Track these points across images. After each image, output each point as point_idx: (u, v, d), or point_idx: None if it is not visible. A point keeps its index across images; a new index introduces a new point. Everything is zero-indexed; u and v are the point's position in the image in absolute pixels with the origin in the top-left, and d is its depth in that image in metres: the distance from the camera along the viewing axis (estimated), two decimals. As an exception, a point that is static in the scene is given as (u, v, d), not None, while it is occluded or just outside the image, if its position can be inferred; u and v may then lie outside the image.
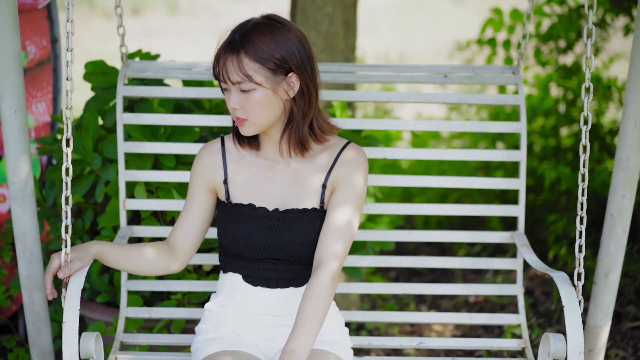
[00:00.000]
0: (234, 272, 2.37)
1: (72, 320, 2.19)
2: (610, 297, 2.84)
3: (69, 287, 2.23)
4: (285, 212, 2.32)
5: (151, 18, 11.66)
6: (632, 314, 3.70)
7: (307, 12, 3.76)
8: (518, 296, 2.86)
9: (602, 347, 2.89)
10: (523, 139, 2.85)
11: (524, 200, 2.85)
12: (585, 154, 2.39)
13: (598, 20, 4.69)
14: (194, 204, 2.38)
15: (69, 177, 2.31)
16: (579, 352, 2.24)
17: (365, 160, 2.36)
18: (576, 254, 2.38)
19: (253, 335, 2.37)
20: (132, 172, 2.81)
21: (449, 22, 11.37)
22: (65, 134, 2.30)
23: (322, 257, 2.24)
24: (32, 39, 3.39)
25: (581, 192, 2.39)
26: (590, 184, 4.21)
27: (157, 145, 2.82)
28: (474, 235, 2.91)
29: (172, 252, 2.38)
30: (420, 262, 2.91)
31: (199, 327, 2.42)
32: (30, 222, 2.74)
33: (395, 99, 2.95)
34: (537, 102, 4.99)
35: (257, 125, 2.25)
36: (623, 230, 2.78)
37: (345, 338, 2.44)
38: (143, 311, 2.80)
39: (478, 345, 2.79)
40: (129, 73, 2.86)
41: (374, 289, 2.90)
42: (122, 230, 2.79)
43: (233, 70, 2.19)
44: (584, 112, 2.39)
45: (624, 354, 3.47)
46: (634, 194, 2.74)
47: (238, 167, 2.35)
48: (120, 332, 2.72)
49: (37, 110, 3.45)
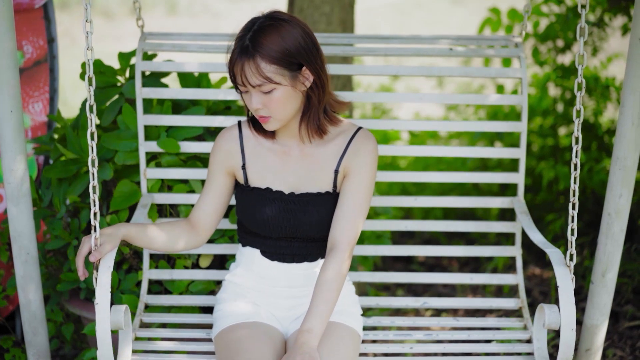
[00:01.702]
0: (252, 247, 2.56)
1: (105, 301, 2.31)
2: (608, 296, 2.84)
3: (100, 270, 2.34)
4: (300, 195, 2.49)
5: (150, 18, 11.64)
6: (630, 313, 3.70)
7: (304, 12, 3.76)
8: (516, 257, 3.00)
9: (600, 346, 2.89)
10: (524, 110, 2.95)
11: (523, 168, 2.96)
12: (578, 145, 2.45)
13: (596, 19, 4.69)
14: (213, 185, 2.55)
15: (94, 168, 2.36)
16: (571, 329, 2.36)
17: (375, 146, 2.50)
18: (568, 236, 2.46)
19: (271, 304, 2.55)
20: (151, 144, 2.92)
21: (447, 21, 11.36)
22: (89, 128, 2.33)
23: (337, 236, 2.42)
24: (29, 39, 3.39)
25: (573, 179, 2.45)
26: (589, 183, 4.21)
27: (175, 118, 2.91)
28: (476, 200, 3.02)
29: (194, 230, 2.55)
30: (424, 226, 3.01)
31: (220, 295, 2.62)
32: (26, 222, 2.74)
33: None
34: (535, 102, 4.99)
35: (281, 120, 2.40)
36: (620, 230, 2.77)
37: (356, 306, 2.62)
38: (164, 273, 2.93)
39: (478, 304, 2.92)
40: (146, 48, 2.94)
41: (379, 251, 3.01)
42: (143, 198, 2.92)
43: (252, 74, 2.30)
44: (576, 105, 2.44)
45: (622, 353, 3.46)
46: (631, 193, 2.74)
47: (255, 153, 2.52)
48: (144, 294, 2.88)
49: (33, 110, 3.45)
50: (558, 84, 4.80)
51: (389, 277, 3.00)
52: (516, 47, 2.98)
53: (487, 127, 3.00)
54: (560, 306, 2.36)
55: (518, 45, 2.98)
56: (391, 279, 3.00)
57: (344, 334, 2.47)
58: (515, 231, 3.00)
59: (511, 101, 2.98)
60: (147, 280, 2.93)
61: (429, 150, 3.00)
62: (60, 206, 3.01)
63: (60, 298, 3.13)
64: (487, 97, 3.05)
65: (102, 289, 2.32)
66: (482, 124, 2.99)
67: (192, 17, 11.88)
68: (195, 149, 2.94)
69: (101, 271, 2.34)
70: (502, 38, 3.03)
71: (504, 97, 3.02)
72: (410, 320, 2.85)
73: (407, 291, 4.20)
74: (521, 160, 2.97)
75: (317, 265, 2.55)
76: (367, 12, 11.83)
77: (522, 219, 2.86)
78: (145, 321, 2.80)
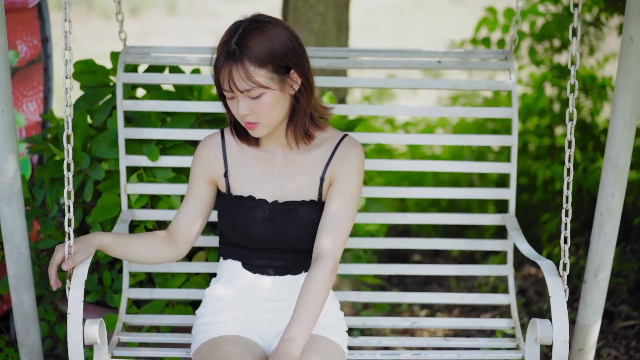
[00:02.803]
0: (233, 259, 2.46)
1: (77, 311, 2.25)
2: (600, 296, 2.83)
3: (73, 279, 2.29)
4: (284, 204, 2.40)
5: (150, 18, 11.66)
6: (624, 313, 3.69)
7: (299, 11, 3.76)
8: (508, 277, 2.93)
9: (592, 346, 2.88)
10: (515, 123, 2.88)
11: (514, 184, 2.90)
12: (571, 149, 2.42)
13: (593, 19, 4.68)
14: (194, 195, 2.46)
15: (70, 173, 2.35)
16: (564, 341, 2.30)
17: (362, 153, 2.43)
18: (561, 245, 2.42)
19: (252, 319, 2.45)
20: (132, 157, 2.87)
21: (447, 21, 11.36)
22: (65, 130, 2.33)
23: (321, 248, 2.33)
24: (23, 38, 3.39)
25: (566, 185, 2.42)
26: (584, 183, 4.21)
27: (157, 131, 2.87)
28: (466, 218, 2.97)
29: (174, 241, 2.46)
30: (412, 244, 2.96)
31: (200, 310, 2.52)
32: (18, 222, 2.73)
33: (390, 85, 2.97)
34: (531, 102, 4.98)
35: (269, 126, 2.32)
36: (612, 229, 2.77)
37: (341, 321, 2.53)
38: (144, 292, 2.87)
39: (469, 325, 2.86)
40: (128, 59, 2.90)
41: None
42: (124, 214, 2.85)
43: (240, 79, 2.23)
44: (569, 108, 2.42)
45: (616, 353, 3.46)
46: (623, 193, 2.74)
47: (238, 160, 2.43)
48: (122, 313, 2.80)
49: (27, 109, 3.45)
50: (554, 84, 4.80)
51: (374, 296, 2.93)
52: (506, 60, 2.94)
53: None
54: (552, 318, 2.31)
55: (508, 57, 2.94)
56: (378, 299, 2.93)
57: (328, 347, 2.38)
58: (507, 249, 2.93)
59: (501, 114, 2.93)
60: (127, 299, 2.85)
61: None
62: (53, 206, 3.01)
63: (54, 297, 3.13)
64: (477, 111, 3.00)
65: (75, 299, 2.26)
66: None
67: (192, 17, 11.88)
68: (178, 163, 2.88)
69: (74, 280, 2.29)
70: (493, 52, 2.99)
71: (494, 110, 2.96)
72: (398, 341, 2.76)
73: (399, 283, 4.20)
74: (512, 176, 2.90)
75: (301, 279, 2.45)
76: (367, 12, 11.83)
77: (514, 235, 2.79)
78: (123, 340, 2.72)
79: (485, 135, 2.93)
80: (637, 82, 2.62)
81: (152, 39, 10.36)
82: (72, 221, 2.33)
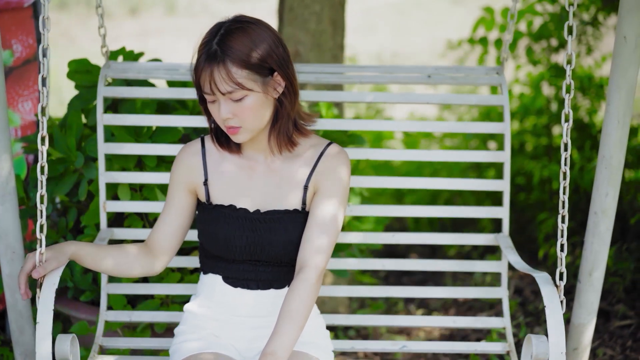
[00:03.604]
0: (214, 273, 2.35)
1: (46, 321, 2.16)
2: (594, 295, 2.83)
3: (43, 288, 2.21)
4: (267, 213, 2.30)
5: (149, 18, 11.65)
6: (621, 312, 3.69)
7: (294, 11, 3.75)
8: (503, 299, 2.84)
9: (587, 345, 2.88)
10: (507, 140, 2.82)
11: (508, 202, 2.82)
12: (567, 152, 2.38)
13: (590, 18, 4.68)
14: (173, 205, 2.36)
15: (44, 176, 2.30)
16: (561, 353, 2.23)
17: (348, 160, 2.34)
18: (558, 253, 2.36)
19: (232, 336, 2.34)
20: (112, 174, 2.80)
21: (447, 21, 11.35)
22: (40, 131, 2.29)
23: (306, 256, 2.23)
24: (18, 38, 3.39)
25: (562, 190, 2.37)
26: (581, 183, 4.20)
27: (138, 146, 2.81)
28: (459, 237, 2.89)
29: (152, 254, 2.36)
30: (406, 265, 2.89)
31: (178, 328, 2.41)
32: (12, 221, 2.73)
33: (381, 99, 2.95)
34: (529, 101, 4.98)
35: (252, 130, 2.23)
36: (606, 229, 2.76)
37: (326, 340, 2.42)
38: (123, 314, 2.78)
39: (462, 348, 2.78)
40: (110, 74, 2.85)
41: (361, 292, 2.88)
42: (102, 232, 2.78)
43: (222, 81, 2.15)
44: (565, 109, 2.38)
45: (612, 352, 3.46)
46: (617, 192, 2.73)
47: (218, 168, 2.33)
48: (99, 336, 2.69)
49: (23, 109, 3.45)
50: (552, 84, 4.80)
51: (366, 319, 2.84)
52: (497, 75, 2.90)
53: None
54: (548, 330, 2.24)
55: (499, 73, 2.90)
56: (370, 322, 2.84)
57: None
58: (501, 270, 2.83)
59: (493, 129, 2.88)
60: (104, 322, 2.75)
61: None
62: (48, 205, 3.01)
63: (49, 297, 3.13)
64: (468, 126, 2.93)
65: (44, 309, 2.16)
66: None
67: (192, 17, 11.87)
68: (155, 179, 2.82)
69: (44, 289, 2.20)
70: (484, 68, 2.95)
71: (486, 126, 2.91)
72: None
73: (396, 283, 4.20)
74: (505, 194, 2.82)
75: (285, 293, 2.30)
76: (367, 12, 11.82)
77: (508, 254, 2.71)
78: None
79: (477, 151, 2.87)
80: (631, 81, 2.62)
81: (151, 39, 10.37)
82: (44, 227, 2.26)
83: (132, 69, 2.87)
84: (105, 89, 2.81)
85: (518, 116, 4.97)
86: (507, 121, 2.83)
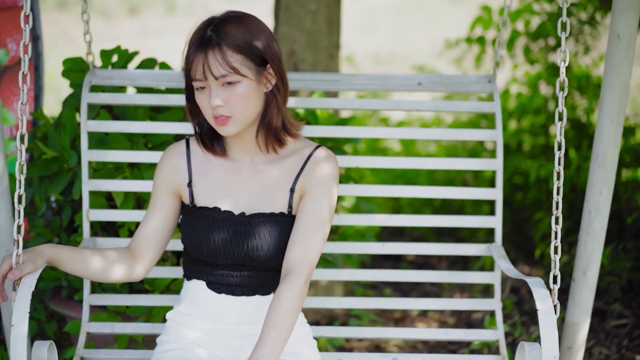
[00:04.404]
0: (197, 279, 2.28)
1: (21, 324, 2.10)
2: (589, 294, 2.82)
3: (19, 290, 2.14)
4: (252, 216, 2.25)
5: (149, 18, 11.66)
6: (617, 312, 3.69)
7: (290, 10, 3.75)
8: (496, 311, 2.79)
9: (582, 344, 2.88)
10: (499, 148, 2.79)
11: (501, 211, 2.79)
12: (561, 151, 2.33)
13: (588, 17, 4.68)
14: (156, 208, 2.31)
15: (22, 175, 2.24)
16: (554, 357, 2.18)
17: (336, 163, 2.28)
18: (551, 255, 2.31)
19: (217, 344, 2.28)
20: (96, 182, 2.76)
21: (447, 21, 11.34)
22: (20, 129, 2.25)
23: (293, 261, 2.17)
24: (13, 37, 3.39)
25: (556, 190, 2.32)
26: (577, 182, 4.20)
27: (122, 153, 2.78)
28: (451, 247, 2.85)
29: (134, 258, 2.29)
30: (397, 276, 2.86)
31: (160, 338, 2.34)
32: (5, 219, 2.73)
33: (373, 107, 2.94)
34: (526, 101, 4.98)
35: (242, 121, 2.18)
36: (600, 227, 2.76)
37: (313, 350, 2.35)
38: (105, 326, 2.72)
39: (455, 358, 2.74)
40: (94, 80, 2.82)
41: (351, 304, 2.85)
42: (85, 242, 2.72)
43: (217, 64, 2.11)
44: (558, 107, 2.35)
45: (608, 352, 3.45)
46: (611, 191, 2.73)
47: (203, 170, 2.29)
48: (80, 348, 2.64)
49: (18, 107, 3.44)
50: (549, 83, 4.79)
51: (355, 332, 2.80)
52: (489, 83, 2.87)
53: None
54: (540, 336, 2.19)
55: (491, 81, 2.87)
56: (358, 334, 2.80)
57: None
58: (494, 282, 2.78)
59: (485, 137, 2.84)
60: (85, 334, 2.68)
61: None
62: (41, 204, 3.01)
63: (43, 296, 3.13)
64: (460, 133, 2.90)
65: (20, 312, 2.09)
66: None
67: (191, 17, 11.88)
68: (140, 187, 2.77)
69: (20, 292, 2.13)
70: (476, 77, 2.91)
71: (478, 133, 2.87)
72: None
73: (394, 290, 4.20)
74: (497, 203, 2.77)
75: (270, 300, 2.21)
76: (366, 12, 11.82)
77: (501, 264, 2.66)
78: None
79: (469, 159, 2.84)
80: (624, 80, 2.61)
81: (151, 38, 10.37)
82: (21, 228, 2.20)
83: (117, 76, 2.84)
84: (90, 95, 2.77)
85: (515, 115, 4.96)
86: (499, 129, 2.79)
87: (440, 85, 2.88)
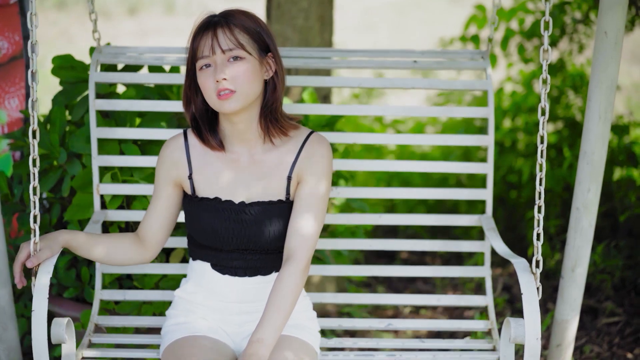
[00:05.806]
0: (202, 261, 2.42)
1: (41, 308, 2.24)
2: (577, 291, 2.82)
3: (38, 276, 2.28)
4: (251, 204, 2.36)
5: (148, 18, 11.66)
6: (609, 309, 3.68)
7: (282, 7, 3.75)
8: (485, 278, 2.90)
9: (571, 341, 2.88)
10: (491, 124, 2.86)
11: (491, 184, 2.88)
12: (543, 144, 2.37)
13: (582, 16, 4.68)
14: (160, 198, 2.43)
15: (36, 168, 2.34)
16: (536, 339, 2.28)
17: (329, 149, 2.39)
18: (534, 241, 2.39)
19: (222, 320, 2.42)
20: (105, 157, 2.85)
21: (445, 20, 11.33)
22: (31, 125, 2.31)
23: (293, 246, 2.30)
24: (5, 34, 3.39)
25: (539, 181, 2.38)
26: (570, 181, 4.20)
27: (130, 130, 2.85)
28: (442, 218, 2.94)
29: (142, 244, 2.44)
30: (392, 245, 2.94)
31: (169, 311, 2.49)
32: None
33: (367, 85, 2.96)
34: (520, 99, 4.97)
35: (244, 98, 2.26)
36: (589, 224, 2.76)
37: (313, 322, 2.49)
38: (117, 294, 2.84)
39: (446, 326, 2.83)
40: (101, 59, 2.89)
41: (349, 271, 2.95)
42: (96, 214, 2.83)
43: (226, 38, 2.24)
44: (541, 102, 2.38)
45: (599, 349, 3.45)
46: (599, 188, 2.73)
47: (202, 162, 2.39)
48: (94, 315, 2.76)
49: (9, 105, 3.44)
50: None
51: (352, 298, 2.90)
52: (482, 60, 2.92)
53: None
54: (524, 316, 2.28)
55: (484, 57, 2.92)
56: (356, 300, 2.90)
57: (298, 347, 2.34)
58: (484, 250, 2.89)
59: (477, 114, 2.90)
60: (99, 300, 2.82)
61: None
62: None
63: (33, 293, 3.13)
64: (452, 110, 2.98)
65: (40, 296, 2.25)
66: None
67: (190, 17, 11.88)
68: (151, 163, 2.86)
69: (39, 278, 2.27)
70: (469, 52, 2.97)
71: (470, 110, 2.96)
72: (373, 342, 2.72)
73: (387, 288, 4.20)
74: (489, 176, 2.87)
75: (271, 279, 2.40)
76: (366, 11, 11.82)
77: (490, 235, 2.75)
78: (94, 342, 2.67)
79: (460, 135, 2.89)
80: (612, 77, 2.62)
81: (150, 38, 10.36)
82: (37, 217, 2.31)
83: (123, 55, 2.91)
84: (97, 74, 2.85)
85: (510, 114, 4.96)
86: (491, 106, 2.86)
87: (434, 63, 2.94)
